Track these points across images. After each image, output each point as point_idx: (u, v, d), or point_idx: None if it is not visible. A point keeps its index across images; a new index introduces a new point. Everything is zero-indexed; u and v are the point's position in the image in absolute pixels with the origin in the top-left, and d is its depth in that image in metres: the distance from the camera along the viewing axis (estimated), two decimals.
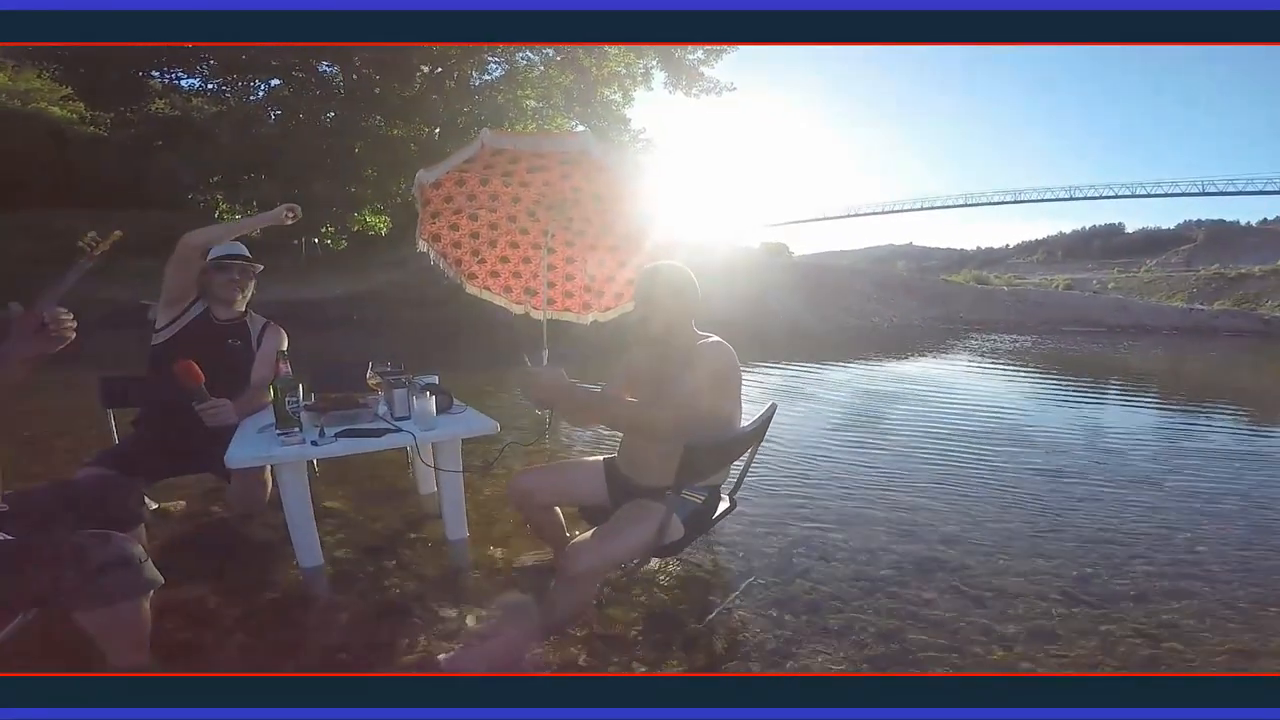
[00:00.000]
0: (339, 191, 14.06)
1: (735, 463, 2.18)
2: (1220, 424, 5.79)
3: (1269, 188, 53.23)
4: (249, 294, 2.73)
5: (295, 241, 15.35)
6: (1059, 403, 6.82)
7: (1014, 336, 15.73)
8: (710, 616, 2.08)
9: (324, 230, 14.70)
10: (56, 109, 30.04)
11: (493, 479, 3.17)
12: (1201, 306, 26.03)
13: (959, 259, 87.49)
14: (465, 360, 8.47)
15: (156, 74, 16.76)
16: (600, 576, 1.91)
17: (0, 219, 20.88)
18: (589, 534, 1.88)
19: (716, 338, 1.93)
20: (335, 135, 14.56)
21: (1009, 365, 10.06)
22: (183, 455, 2.48)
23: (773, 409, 2.13)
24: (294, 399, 2.23)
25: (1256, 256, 53.83)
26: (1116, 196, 61.23)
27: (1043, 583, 2.36)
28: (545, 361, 2.11)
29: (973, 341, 13.99)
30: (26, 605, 1.51)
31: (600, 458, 2.24)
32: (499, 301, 3.48)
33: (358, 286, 14.15)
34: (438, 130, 15.54)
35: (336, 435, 2.22)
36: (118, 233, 1.82)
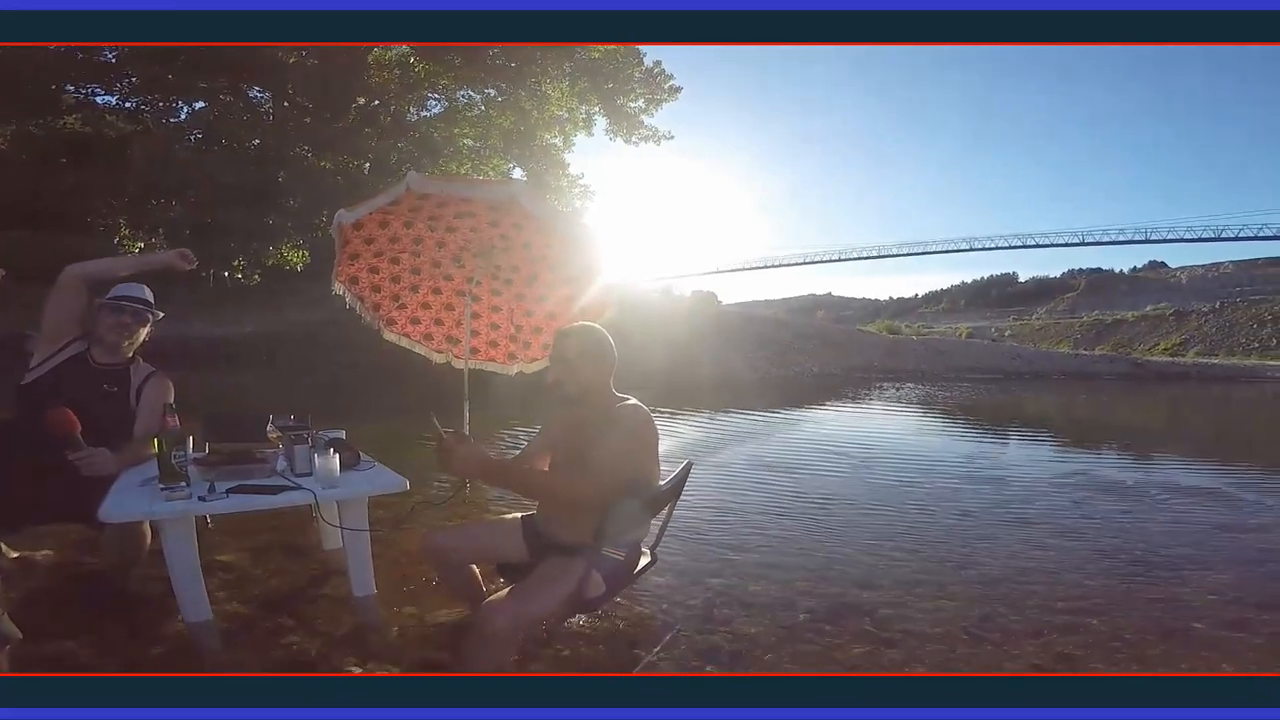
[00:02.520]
0: (257, 222, 13.46)
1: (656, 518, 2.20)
2: (1107, 462, 6.36)
3: (1136, 238, 60.06)
4: (139, 340, 2.57)
5: (203, 273, 14.50)
6: (964, 448, 7.26)
7: (923, 385, 16.73)
8: (636, 669, 2.05)
9: (236, 263, 13.94)
10: None
11: (405, 533, 3.05)
12: (1086, 352, 28.81)
13: (874, 309, 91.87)
14: (389, 407, 8.16)
15: (71, 88, 15.63)
16: (517, 634, 1.85)
17: None
18: (506, 592, 1.83)
19: (634, 400, 1.96)
20: (259, 163, 14.01)
21: (918, 413, 10.69)
22: (50, 504, 2.27)
23: (688, 467, 2.17)
24: (181, 452, 2.09)
25: (1129, 302, 59.97)
26: (1010, 247, 66.54)
27: (949, 623, 2.45)
28: (468, 415, 2.08)
29: (886, 390, 14.81)
30: None
31: (519, 515, 2.20)
32: (418, 349, 3.41)
33: (272, 325, 13.47)
34: (368, 164, 15.22)
35: (228, 491, 2.10)
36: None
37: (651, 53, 17.01)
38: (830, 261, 74.61)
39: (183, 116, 16.23)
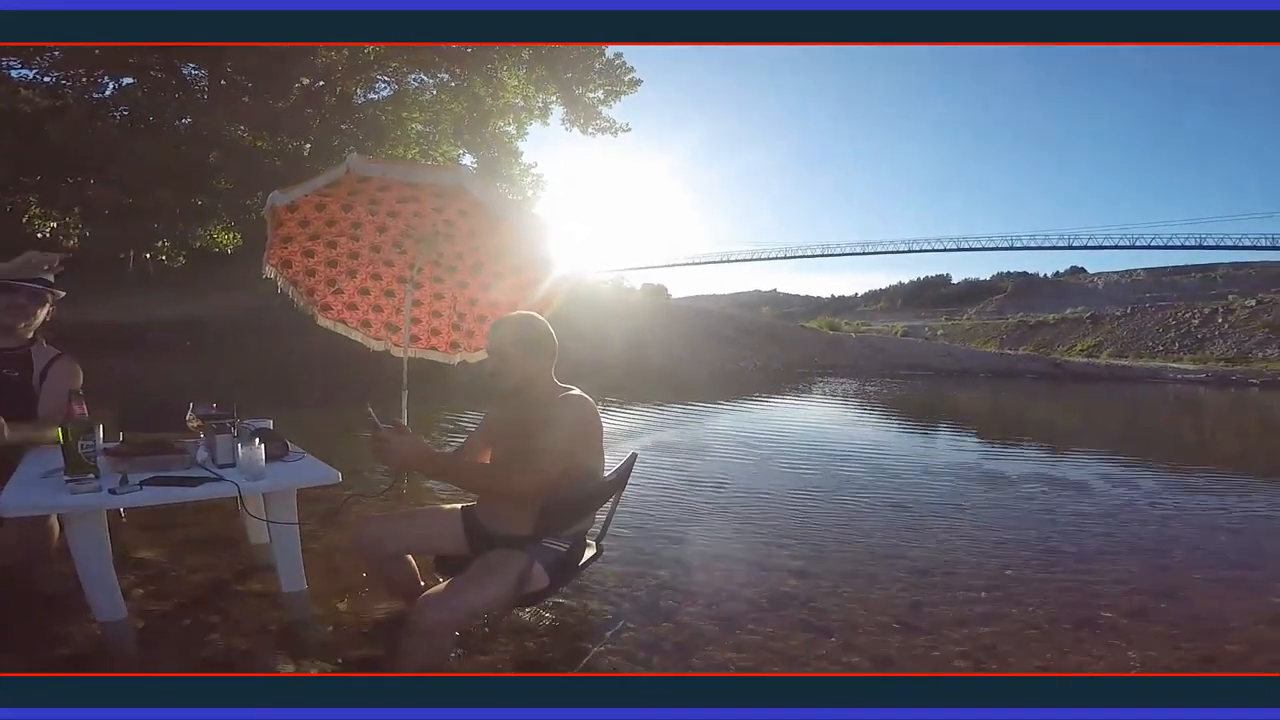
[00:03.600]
0: (184, 203, 12.70)
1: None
2: (1026, 455, 6.78)
3: (1060, 243, 64.51)
4: (38, 322, 2.42)
5: (122, 255, 13.60)
6: (897, 441, 7.59)
7: (859, 380, 17.40)
8: (583, 663, 2.04)
9: (159, 244, 13.11)
10: None
11: (337, 527, 2.95)
12: (1010, 351, 30.47)
13: (816, 306, 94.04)
14: (322, 397, 7.88)
15: None
16: (454, 629, 1.82)
17: None
18: (443, 585, 1.79)
19: (577, 390, 1.94)
20: (188, 142, 13.21)
21: (855, 406, 11.11)
22: None
23: (633, 458, 2.15)
24: (89, 442, 1.95)
25: (1052, 305, 63.53)
26: (945, 250, 69.90)
27: (882, 611, 2.54)
28: (405, 405, 2.01)
29: (825, 384, 15.33)
30: None
31: (459, 505, 2.15)
32: (355, 336, 3.30)
33: (194, 309, 12.76)
34: (308, 146, 14.56)
35: (142, 483, 1.97)
36: None
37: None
38: (777, 259, 76.41)
39: (108, 92, 15.19)
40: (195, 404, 2.60)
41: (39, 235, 12.81)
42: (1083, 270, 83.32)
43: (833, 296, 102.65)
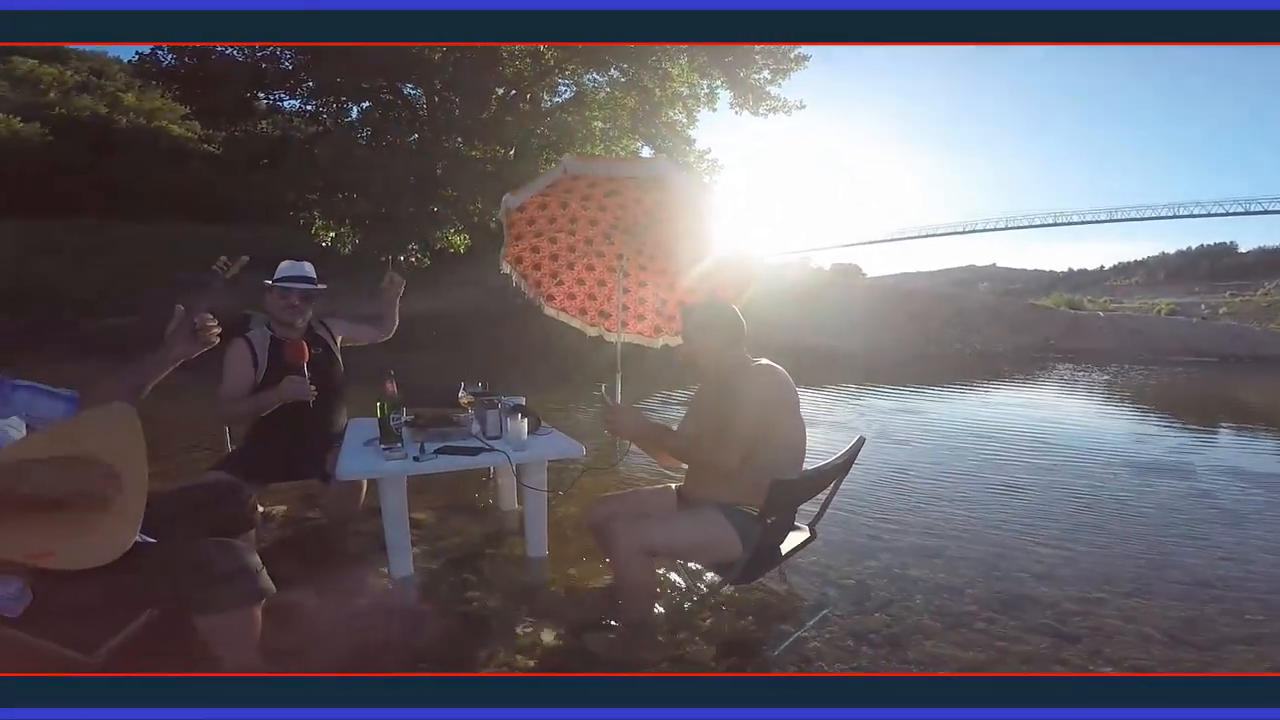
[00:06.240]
0: (424, 211, 14.67)
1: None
2: None
3: None
4: (309, 315, 2.77)
5: (383, 259, 16.12)
6: (1163, 441, 6.24)
7: (1111, 366, 14.38)
8: (784, 645, 2.05)
9: (410, 248, 15.32)
10: (175, 127, 32.92)
11: (565, 499, 3.22)
12: None
13: (1047, 281, 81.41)
14: (539, 379, 8.65)
15: (262, 95, 17.97)
16: (638, 551, 1.95)
17: (117, 229, 23.18)
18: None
19: (766, 360, 1.98)
20: (419, 156, 15.20)
21: (1106, 398, 9.29)
22: (291, 463, 2.63)
23: (860, 442, 2.11)
24: (398, 416, 2.36)
25: None
26: (1228, 214, 55.63)
27: (1146, 621, 2.22)
28: (619, 385, 2.22)
29: (1064, 371, 12.99)
30: (154, 605, 1.60)
31: (673, 485, 2.27)
32: (574, 323, 3.58)
33: (435, 304, 14.74)
34: (513, 151, 16.01)
35: (436, 452, 2.30)
36: (245, 258, 1.96)
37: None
38: (997, 230, 67.53)
39: (353, 116, 18.02)
40: (465, 383, 2.93)
41: (322, 245, 15.63)
42: None
43: (1069, 270, 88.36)
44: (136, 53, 16.13)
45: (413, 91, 17.84)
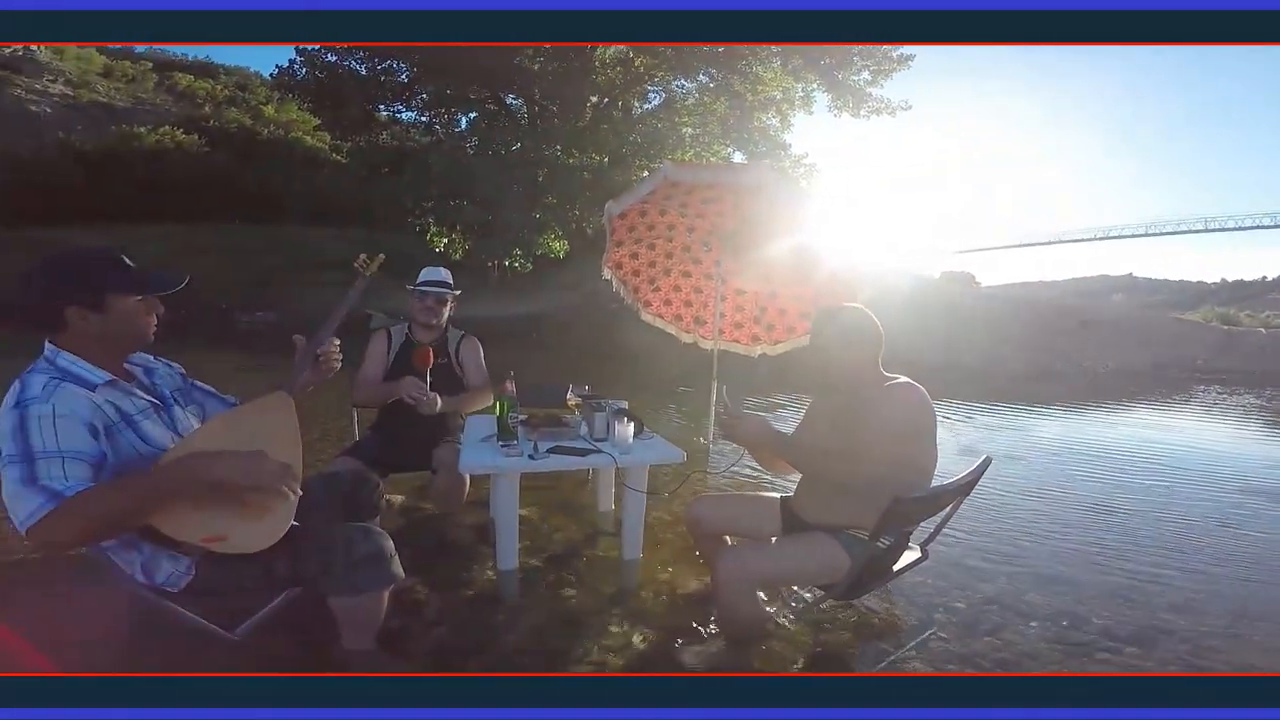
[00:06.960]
0: (526, 217, 15.25)
1: None
2: None
3: None
4: (445, 316, 2.93)
5: (490, 264, 16.91)
6: None
7: (1266, 391, 12.34)
8: (881, 665, 1.98)
9: (514, 254, 15.97)
10: (309, 138, 36.20)
11: (660, 504, 3.21)
12: None
13: (1195, 293, 70.91)
14: (632, 384, 8.69)
15: (383, 107, 19.36)
16: (743, 584, 1.89)
17: (258, 232, 25.72)
18: (748, 543, 1.91)
19: (906, 378, 1.85)
20: (521, 164, 15.81)
21: (1258, 421, 8.12)
22: (411, 454, 2.79)
23: (987, 462, 1.97)
24: (515, 415, 2.48)
25: None
26: None
27: None
28: (725, 395, 2.16)
29: (1213, 394, 11.27)
30: (297, 584, 1.65)
31: (778, 494, 2.23)
32: (670, 329, 3.61)
33: (535, 307, 15.27)
34: (606, 158, 16.32)
35: (548, 451, 2.38)
36: (381, 256, 2.08)
37: None
38: (1135, 237, 61.03)
39: (463, 126, 19.10)
40: (573, 385, 3.01)
41: (437, 250, 16.58)
42: None
43: (1223, 281, 78.28)
44: (276, 65, 17.94)
45: (514, 101, 18.64)
